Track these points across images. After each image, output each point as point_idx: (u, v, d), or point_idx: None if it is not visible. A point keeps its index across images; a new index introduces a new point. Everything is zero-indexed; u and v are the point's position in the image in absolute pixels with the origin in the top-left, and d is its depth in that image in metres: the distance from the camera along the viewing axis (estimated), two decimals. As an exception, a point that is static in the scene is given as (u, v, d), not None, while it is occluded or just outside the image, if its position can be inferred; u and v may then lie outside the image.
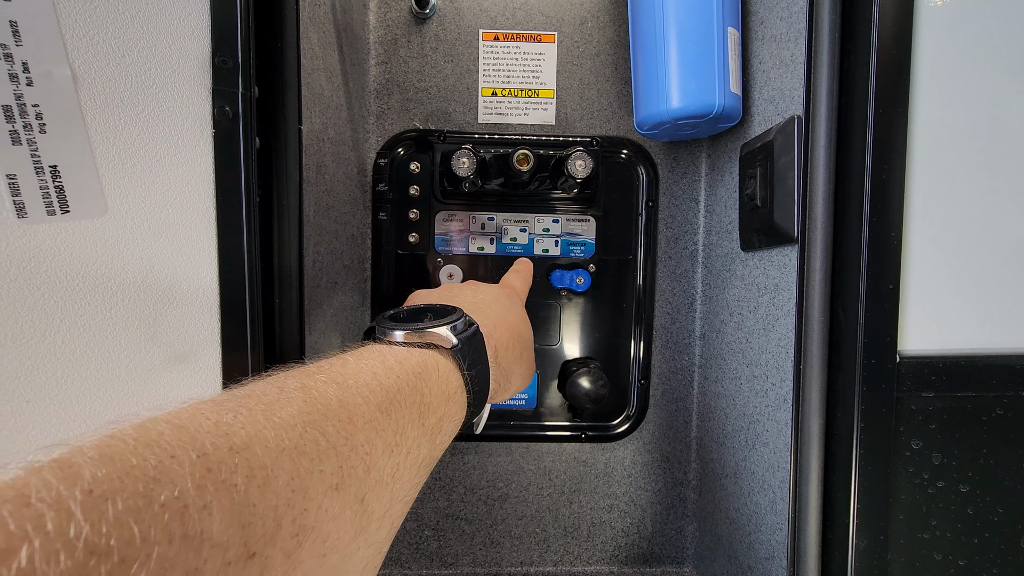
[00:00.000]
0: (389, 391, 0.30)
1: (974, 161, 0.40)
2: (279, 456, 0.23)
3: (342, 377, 0.29)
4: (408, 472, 0.30)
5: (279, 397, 0.26)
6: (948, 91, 0.40)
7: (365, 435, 0.27)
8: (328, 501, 0.24)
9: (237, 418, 0.23)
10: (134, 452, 0.19)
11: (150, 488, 0.18)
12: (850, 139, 0.42)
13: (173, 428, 0.21)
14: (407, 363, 0.33)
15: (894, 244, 0.38)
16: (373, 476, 0.27)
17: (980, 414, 0.40)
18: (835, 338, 0.41)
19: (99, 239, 0.31)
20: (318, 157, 0.60)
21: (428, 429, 0.32)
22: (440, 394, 0.33)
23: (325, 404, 0.26)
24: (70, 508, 0.16)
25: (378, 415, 0.28)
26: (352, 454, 0.26)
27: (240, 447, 0.22)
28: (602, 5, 0.77)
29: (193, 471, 0.20)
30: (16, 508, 0.16)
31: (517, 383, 0.47)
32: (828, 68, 0.42)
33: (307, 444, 0.24)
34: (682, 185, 0.80)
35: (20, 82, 0.29)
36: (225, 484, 0.20)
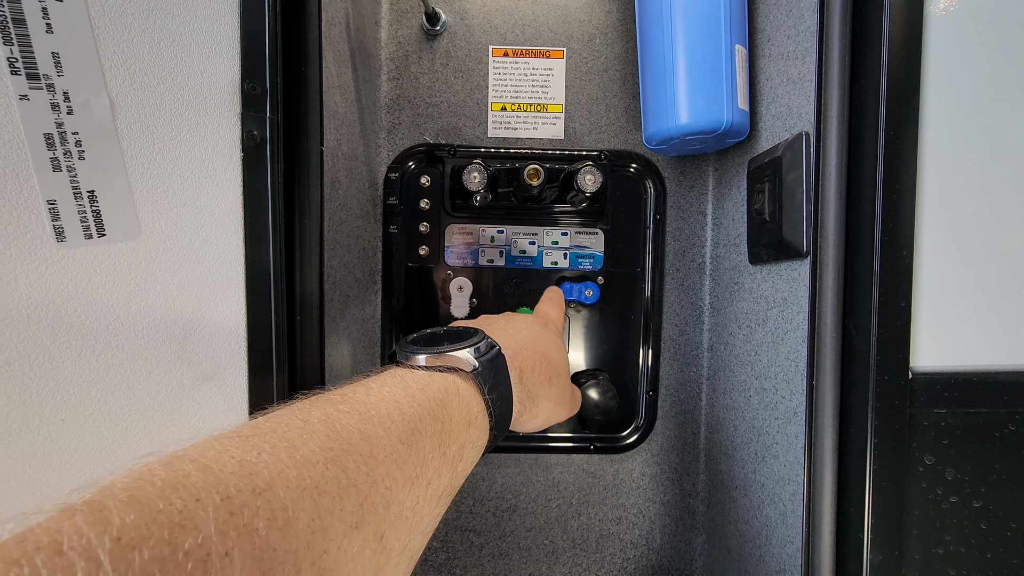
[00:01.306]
0: (410, 421, 0.30)
1: (985, 178, 0.41)
2: (300, 496, 0.23)
3: (364, 407, 0.29)
4: (428, 504, 0.30)
5: (302, 431, 0.26)
6: (959, 108, 0.41)
7: (386, 468, 0.27)
8: (348, 541, 0.24)
9: (261, 456, 0.23)
10: (161, 495, 0.20)
11: (175, 535, 0.19)
12: (861, 156, 0.43)
13: (199, 468, 0.22)
14: (428, 390, 0.33)
15: (906, 262, 0.39)
16: (393, 511, 0.27)
17: (992, 430, 0.40)
18: (847, 354, 0.42)
19: (133, 262, 0.32)
20: (332, 173, 0.61)
21: (449, 458, 0.32)
22: (461, 420, 0.33)
23: (347, 438, 0.27)
24: (99, 558, 0.17)
25: (399, 447, 0.28)
26: (372, 490, 0.26)
27: (263, 488, 0.22)
28: (610, 22, 0.79)
29: (217, 515, 0.20)
30: (49, 557, 0.17)
31: (547, 409, 0.46)
32: (839, 86, 0.43)
33: (328, 483, 0.24)
34: (689, 199, 0.81)
35: (61, 111, 0.29)
36: (247, 529, 0.21)
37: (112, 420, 0.32)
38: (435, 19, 0.76)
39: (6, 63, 0.28)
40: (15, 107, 0.28)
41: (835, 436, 0.42)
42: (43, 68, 0.29)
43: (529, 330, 0.49)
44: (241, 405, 0.35)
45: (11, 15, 0.28)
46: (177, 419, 0.34)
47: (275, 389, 0.36)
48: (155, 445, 0.34)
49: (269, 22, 0.34)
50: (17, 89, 0.28)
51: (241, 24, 0.33)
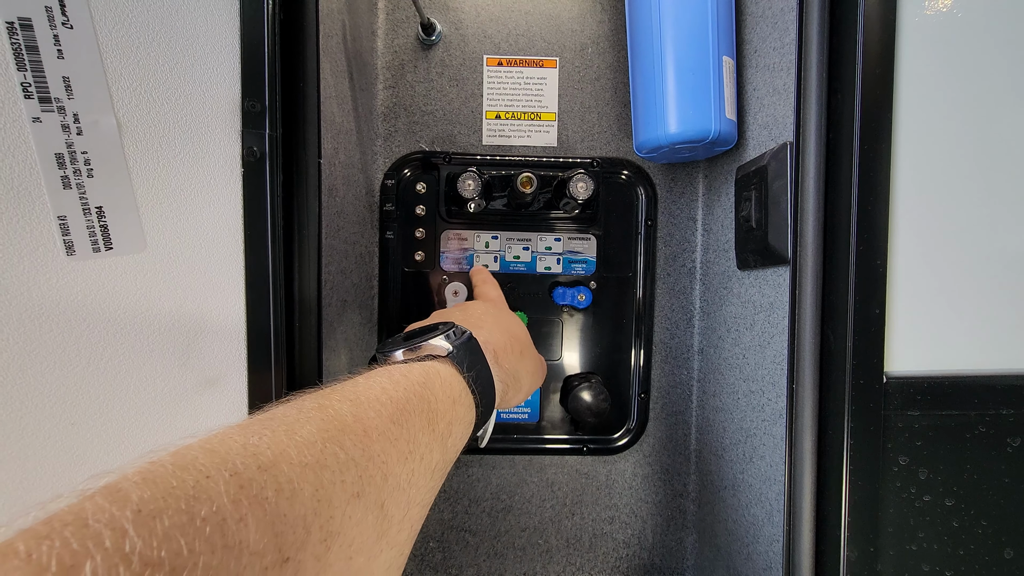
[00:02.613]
0: (398, 403, 0.32)
1: (958, 188, 0.43)
2: (303, 471, 0.25)
3: (354, 395, 0.31)
4: (423, 477, 0.32)
5: (299, 417, 0.28)
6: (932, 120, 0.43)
7: (380, 446, 0.29)
8: (351, 508, 0.26)
9: (262, 439, 0.25)
10: (173, 475, 0.21)
11: (191, 505, 0.20)
12: (838, 167, 0.45)
13: (205, 452, 0.23)
14: (411, 375, 0.35)
15: (880, 271, 0.41)
16: (391, 483, 0.29)
17: (964, 431, 0.42)
18: (825, 358, 0.44)
19: (138, 273, 0.34)
20: (330, 181, 0.63)
21: (439, 434, 0.34)
22: (446, 399, 0.35)
23: (341, 420, 0.29)
24: (124, 527, 0.19)
25: (390, 426, 0.30)
26: (369, 464, 0.28)
27: (267, 465, 0.24)
28: (602, 32, 0.80)
29: (228, 488, 0.22)
30: (77, 529, 0.18)
31: (527, 382, 0.50)
32: (817, 99, 0.45)
33: (327, 458, 0.26)
34: (680, 205, 0.82)
35: (71, 132, 0.31)
36: (257, 498, 0.22)
37: (119, 424, 0.34)
38: (430, 29, 0.78)
39: (20, 88, 0.29)
40: (28, 129, 0.30)
41: (814, 438, 0.44)
42: (54, 92, 0.30)
43: (488, 315, 0.52)
44: (241, 409, 0.37)
45: (25, 43, 0.29)
46: (181, 423, 0.36)
47: (274, 393, 0.37)
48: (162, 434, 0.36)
49: (268, 42, 0.35)
50: (30, 112, 0.30)
51: (242, 44, 0.35)
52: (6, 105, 0.29)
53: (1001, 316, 0.42)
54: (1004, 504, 0.42)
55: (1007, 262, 0.42)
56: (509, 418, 0.82)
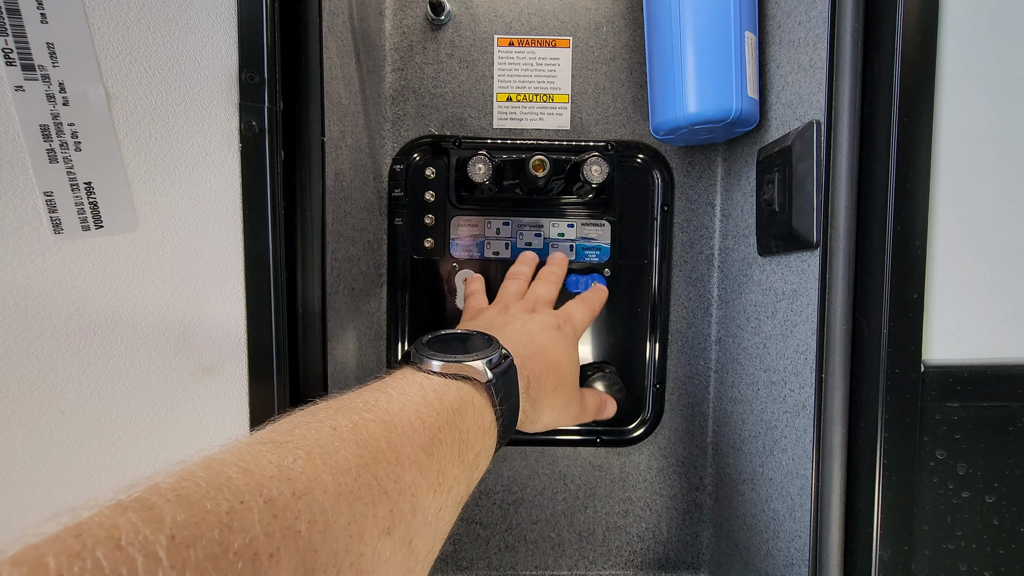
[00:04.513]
0: (432, 430, 0.31)
1: (1004, 168, 0.40)
2: (337, 501, 0.24)
3: (388, 415, 0.30)
4: (449, 511, 0.31)
5: (333, 438, 0.27)
6: (975, 96, 0.40)
7: (411, 476, 0.28)
8: (381, 545, 0.25)
9: (297, 462, 0.24)
10: (207, 496, 0.20)
11: (224, 536, 0.20)
12: (873, 145, 0.42)
13: (240, 471, 0.22)
14: (446, 399, 0.33)
15: (918, 253, 0.38)
16: (419, 518, 0.28)
17: (1006, 424, 0.39)
18: (857, 347, 0.41)
19: (131, 253, 0.32)
20: (336, 165, 0.61)
21: (467, 466, 0.33)
22: (477, 430, 0.34)
23: (375, 446, 0.27)
24: (157, 553, 0.18)
25: (422, 456, 0.29)
26: (400, 496, 0.27)
27: (302, 492, 0.23)
28: (617, 10, 0.77)
29: (262, 517, 0.21)
30: (109, 551, 0.17)
31: (549, 416, 0.46)
32: (851, 73, 0.42)
33: (362, 488, 0.25)
34: (698, 189, 0.79)
35: (57, 102, 0.29)
36: (291, 530, 0.21)
37: (112, 412, 0.33)
38: (440, 8, 0.75)
39: (1, 54, 0.28)
40: (10, 98, 0.28)
41: (844, 430, 0.41)
42: (38, 59, 0.28)
43: (543, 335, 0.49)
44: (241, 397, 0.35)
45: (5, 5, 0.27)
46: (177, 411, 0.34)
47: (275, 381, 0.36)
48: (156, 436, 0.35)
49: (267, 10, 0.33)
50: (12, 80, 0.28)
51: (239, 12, 0.33)
52: (-13, 73, 0.28)
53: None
54: (1049, 502, 0.39)
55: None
56: (521, 409, 0.80)
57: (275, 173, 0.34)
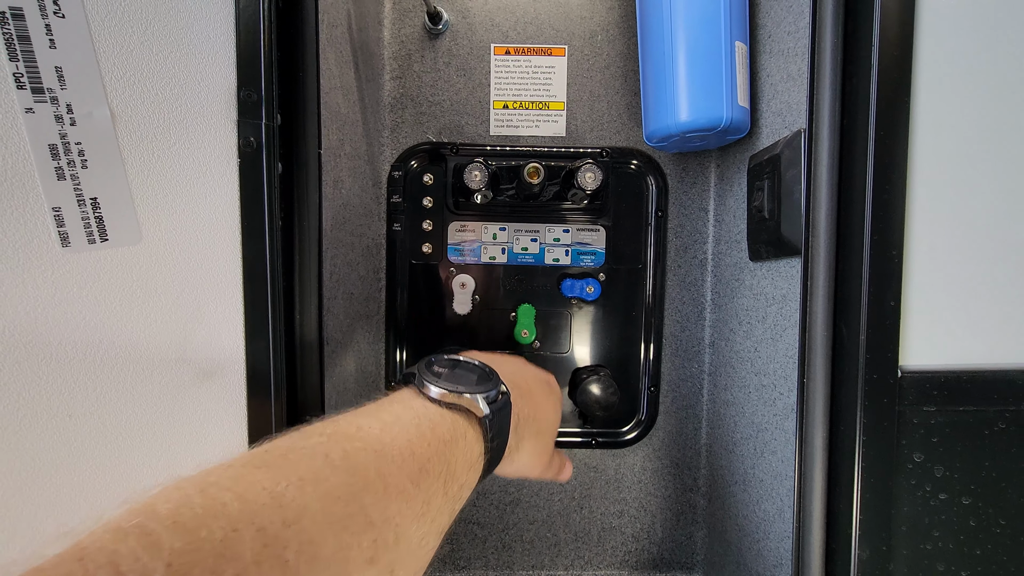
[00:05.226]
0: (421, 460, 0.31)
1: (977, 178, 0.41)
2: (325, 530, 0.25)
3: (380, 444, 0.31)
4: (433, 539, 0.32)
5: (324, 466, 0.28)
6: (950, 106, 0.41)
7: (397, 506, 0.29)
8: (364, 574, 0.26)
9: (289, 489, 0.25)
10: (203, 523, 0.22)
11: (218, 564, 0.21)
12: (853, 155, 0.43)
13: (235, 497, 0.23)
14: (439, 430, 0.34)
15: (895, 262, 0.39)
16: (402, 546, 0.29)
17: (982, 428, 0.40)
18: (838, 352, 0.42)
19: (134, 265, 0.34)
20: (335, 172, 0.62)
21: (450, 498, 0.34)
22: (464, 463, 0.35)
23: (365, 475, 0.28)
24: None
25: (409, 486, 0.30)
26: (385, 526, 0.28)
27: (292, 520, 0.24)
28: (611, 18, 0.79)
29: (253, 546, 0.22)
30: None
31: (524, 459, 0.46)
32: (830, 84, 0.43)
33: (349, 518, 0.26)
34: (691, 195, 0.81)
35: (65, 122, 0.31)
36: (279, 559, 0.22)
37: (116, 415, 0.34)
38: (437, 18, 0.77)
39: (12, 79, 0.29)
40: (21, 120, 0.30)
41: (825, 433, 0.43)
42: (47, 82, 0.30)
43: (535, 381, 0.50)
44: (240, 401, 0.37)
45: (16, 32, 0.29)
46: (178, 415, 0.36)
47: (272, 387, 0.37)
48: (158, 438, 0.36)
49: (264, 30, 0.35)
50: (23, 103, 0.30)
51: (237, 33, 0.34)
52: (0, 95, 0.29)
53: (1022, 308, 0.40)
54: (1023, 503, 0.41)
55: None
56: (517, 411, 0.81)
57: (272, 186, 0.36)
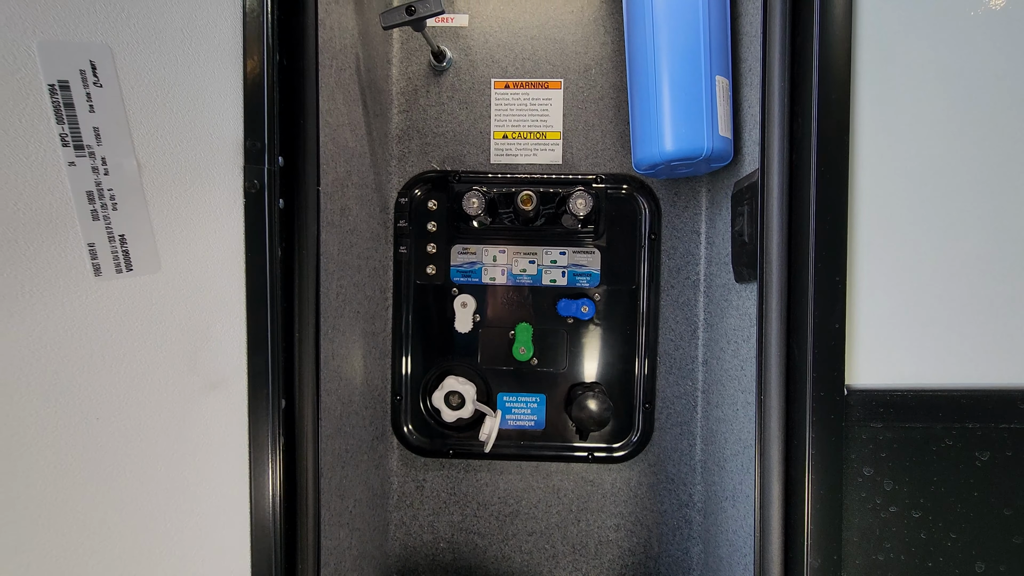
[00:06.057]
0: None
1: (915, 207, 0.44)
2: None
3: None
4: None
5: None
6: (891, 139, 0.44)
7: None
8: None
9: None
10: None
11: None
12: (800, 188, 0.46)
13: None
14: None
15: (839, 287, 0.42)
16: None
17: (929, 444, 0.42)
18: (791, 372, 0.45)
19: (154, 291, 0.39)
20: (343, 201, 0.68)
21: None
22: None
23: None
24: None
25: None
26: None
27: None
28: (605, 53, 0.83)
29: None
30: None
31: None
32: (779, 129, 0.47)
33: None
34: (684, 218, 0.84)
35: (100, 173, 0.37)
36: None
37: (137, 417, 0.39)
38: (441, 56, 0.83)
39: (58, 138, 0.35)
40: (64, 172, 0.36)
41: (781, 447, 0.45)
42: (86, 140, 0.36)
43: None
44: (242, 408, 0.42)
45: (63, 101, 0.35)
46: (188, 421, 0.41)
47: (270, 395, 0.42)
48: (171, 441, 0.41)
49: (268, 87, 0.40)
50: (66, 158, 0.36)
51: (244, 90, 0.40)
52: (48, 153, 0.35)
53: (966, 331, 0.43)
54: (974, 517, 0.42)
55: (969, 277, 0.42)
56: (516, 424, 0.85)
57: (273, 222, 0.41)
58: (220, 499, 0.42)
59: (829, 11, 0.44)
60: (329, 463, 0.62)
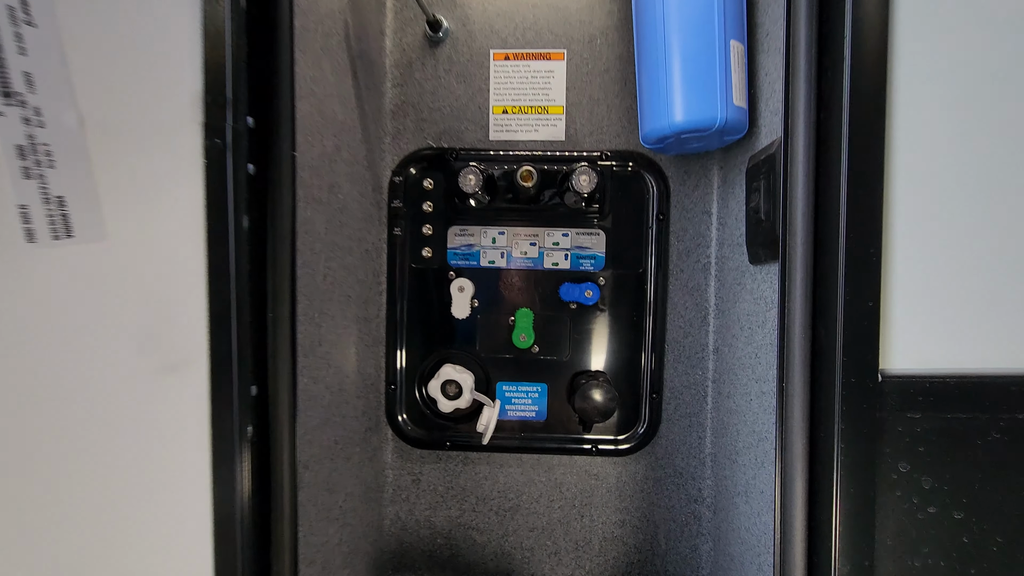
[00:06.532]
0: None
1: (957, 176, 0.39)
2: None
3: None
4: None
5: None
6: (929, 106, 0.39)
7: None
8: None
9: None
10: None
11: None
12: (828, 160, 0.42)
13: None
14: None
15: (874, 261, 0.37)
16: None
17: (974, 437, 0.38)
18: (817, 357, 0.40)
19: (99, 262, 0.35)
20: (331, 177, 0.64)
21: None
22: None
23: None
24: None
25: None
26: None
27: None
28: (611, 22, 0.78)
29: None
30: None
31: None
32: (805, 87, 0.42)
33: None
34: (694, 198, 0.79)
35: (32, 124, 0.33)
36: None
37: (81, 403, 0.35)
38: (437, 26, 0.78)
39: (-18, 83, 0.31)
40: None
41: (805, 441, 0.41)
42: (16, 86, 0.32)
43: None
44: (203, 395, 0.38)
45: (-14, 40, 0.31)
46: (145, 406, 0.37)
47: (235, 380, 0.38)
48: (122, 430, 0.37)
49: (231, 34, 0.36)
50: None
51: (204, 38, 0.36)
52: (-29, 100, 0.31)
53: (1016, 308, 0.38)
54: (1022, 518, 0.38)
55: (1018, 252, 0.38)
56: (516, 416, 0.81)
57: (239, 187, 0.37)
58: (182, 494, 0.38)
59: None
60: (316, 456, 0.58)
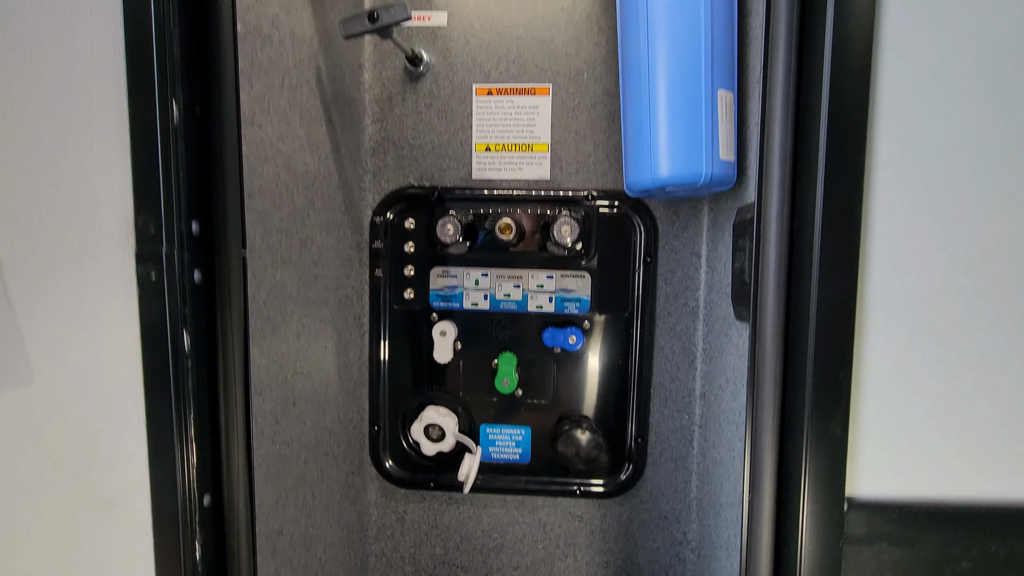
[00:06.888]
0: None
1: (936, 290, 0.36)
2: None
3: None
4: None
5: None
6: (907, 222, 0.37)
7: None
8: None
9: None
10: None
11: None
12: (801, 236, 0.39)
13: None
14: None
15: (843, 385, 0.35)
16: None
17: (944, 567, 0.36)
18: (783, 478, 0.39)
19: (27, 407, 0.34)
20: (303, 232, 0.62)
21: None
22: None
23: None
24: None
25: None
26: None
27: None
28: (598, 54, 0.75)
29: None
30: None
31: None
32: (779, 158, 0.39)
33: None
34: (683, 240, 0.77)
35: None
36: None
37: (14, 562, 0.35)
38: (417, 60, 0.75)
39: None
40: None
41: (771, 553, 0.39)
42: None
43: None
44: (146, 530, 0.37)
45: None
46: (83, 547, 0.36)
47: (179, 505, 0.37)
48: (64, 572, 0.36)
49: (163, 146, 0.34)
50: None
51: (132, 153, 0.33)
52: None
53: (991, 434, 0.36)
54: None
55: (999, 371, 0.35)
56: (500, 458, 0.80)
57: (176, 314, 0.35)
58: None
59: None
60: (291, 518, 0.58)
